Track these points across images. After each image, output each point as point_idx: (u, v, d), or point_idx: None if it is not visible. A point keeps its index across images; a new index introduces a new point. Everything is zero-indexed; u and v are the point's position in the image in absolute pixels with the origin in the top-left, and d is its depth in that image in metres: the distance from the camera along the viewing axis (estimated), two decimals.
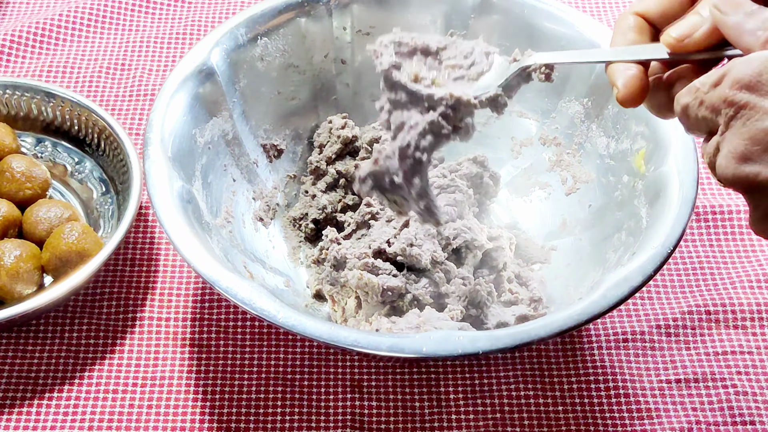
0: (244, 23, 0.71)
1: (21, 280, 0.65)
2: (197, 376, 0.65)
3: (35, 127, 0.76)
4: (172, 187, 0.61)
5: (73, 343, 0.67)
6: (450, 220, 0.64)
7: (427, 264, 0.62)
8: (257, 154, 0.73)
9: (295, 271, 0.70)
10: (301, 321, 0.55)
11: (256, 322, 0.68)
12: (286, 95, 0.74)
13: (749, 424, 0.64)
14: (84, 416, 0.63)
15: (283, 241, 0.72)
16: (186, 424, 0.63)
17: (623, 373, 0.66)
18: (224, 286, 0.56)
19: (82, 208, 0.74)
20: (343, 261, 0.64)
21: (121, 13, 0.89)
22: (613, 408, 0.65)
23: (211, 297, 0.69)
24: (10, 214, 0.68)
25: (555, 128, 0.74)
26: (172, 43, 0.87)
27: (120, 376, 0.65)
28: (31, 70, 0.84)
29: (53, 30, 0.87)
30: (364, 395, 0.65)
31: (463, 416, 0.64)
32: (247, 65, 0.71)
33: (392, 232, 0.65)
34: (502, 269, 0.65)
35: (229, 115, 0.70)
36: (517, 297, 0.65)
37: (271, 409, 0.64)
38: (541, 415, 0.64)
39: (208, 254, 0.58)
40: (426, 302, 0.62)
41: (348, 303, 0.65)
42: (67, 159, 0.76)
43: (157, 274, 0.71)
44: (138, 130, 0.80)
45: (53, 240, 0.66)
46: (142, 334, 0.68)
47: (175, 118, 0.65)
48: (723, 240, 0.74)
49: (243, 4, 0.91)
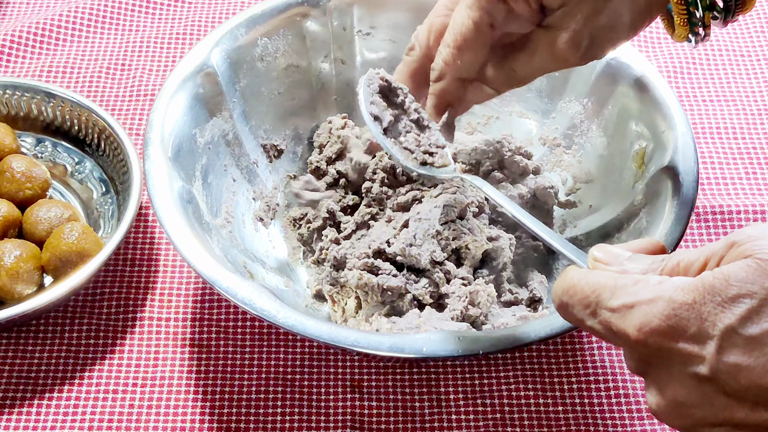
0: (244, 23, 0.71)
1: (21, 280, 0.65)
2: (197, 376, 0.65)
3: (35, 127, 0.76)
4: (172, 187, 0.61)
5: (73, 343, 0.67)
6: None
7: (426, 264, 0.62)
8: (257, 154, 0.73)
9: (295, 271, 0.70)
10: (301, 321, 0.55)
11: (256, 322, 0.68)
12: (286, 95, 0.74)
13: None
14: (84, 416, 0.63)
15: (283, 241, 0.72)
16: (186, 424, 0.63)
17: (623, 373, 0.66)
18: (224, 286, 0.56)
19: (82, 208, 0.74)
20: (343, 261, 0.64)
21: (121, 13, 0.89)
22: (613, 408, 0.65)
23: (211, 297, 0.69)
24: (10, 214, 0.68)
25: (555, 128, 0.74)
26: (172, 43, 0.87)
27: (120, 376, 0.65)
28: (31, 70, 0.84)
29: (53, 30, 0.86)
30: (364, 395, 0.65)
31: (463, 416, 0.64)
32: (247, 65, 0.71)
33: (392, 232, 0.65)
34: (502, 269, 0.65)
35: (229, 115, 0.70)
36: (517, 297, 0.65)
37: (271, 409, 0.64)
38: (541, 415, 0.64)
39: (208, 254, 0.58)
40: (426, 302, 0.62)
41: (348, 303, 0.65)
42: (67, 159, 0.76)
43: (157, 274, 0.71)
44: (138, 130, 0.80)
45: (53, 240, 0.66)
46: (142, 334, 0.68)
47: (175, 118, 0.65)
48: None
49: (243, 4, 0.91)
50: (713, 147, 0.81)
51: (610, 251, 0.47)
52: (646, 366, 0.44)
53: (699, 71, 0.86)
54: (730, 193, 0.77)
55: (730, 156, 0.80)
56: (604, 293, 0.44)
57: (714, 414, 0.41)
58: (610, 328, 0.44)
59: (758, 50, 0.88)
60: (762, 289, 0.40)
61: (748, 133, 0.81)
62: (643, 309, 0.42)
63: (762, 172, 0.79)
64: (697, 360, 0.41)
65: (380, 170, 0.69)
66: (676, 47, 0.88)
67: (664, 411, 0.43)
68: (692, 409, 0.42)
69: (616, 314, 0.43)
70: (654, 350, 0.42)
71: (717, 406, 0.41)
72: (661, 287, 0.42)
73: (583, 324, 0.46)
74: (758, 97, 0.84)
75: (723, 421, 0.41)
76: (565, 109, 0.73)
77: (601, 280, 0.45)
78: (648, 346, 0.42)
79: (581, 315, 0.45)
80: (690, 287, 0.41)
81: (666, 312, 0.41)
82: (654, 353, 0.42)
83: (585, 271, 0.46)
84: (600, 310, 0.44)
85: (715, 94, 0.84)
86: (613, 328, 0.44)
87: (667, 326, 0.41)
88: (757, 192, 0.77)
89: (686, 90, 0.85)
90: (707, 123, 0.82)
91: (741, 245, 0.42)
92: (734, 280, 0.40)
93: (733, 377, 0.40)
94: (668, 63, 0.86)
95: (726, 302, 0.40)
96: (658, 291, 0.42)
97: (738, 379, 0.40)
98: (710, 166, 0.79)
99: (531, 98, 0.75)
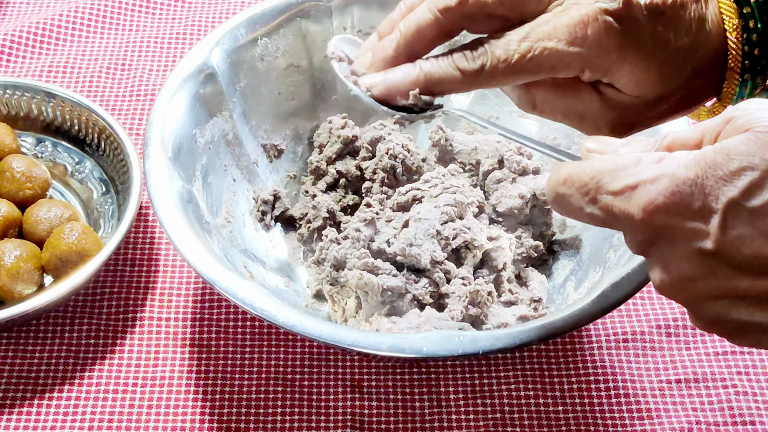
0: (244, 23, 0.71)
1: (21, 280, 0.65)
2: (197, 376, 0.65)
3: (35, 127, 0.76)
4: (173, 187, 0.61)
5: (73, 343, 0.67)
6: None
7: (426, 264, 0.62)
8: (257, 154, 0.73)
9: (295, 271, 0.70)
10: (301, 321, 0.55)
11: (256, 322, 0.68)
12: (286, 95, 0.74)
13: (749, 424, 0.64)
14: (84, 416, 0.63)
15: (283, 241, 0.72)
16: (186, 424, 0.63)
17: (623, 373, 0.66)
18: (224, 286, 0.56)
19: (82, 208, 0.74)
20: (343, 261, 0.64)
21: (121, 13, 0.89)
22: (613, 408, 0.65)
23: (211, 297, 0.69)
24: (10, 214, 0.68)
25: (555, 128, 0.74)
26: (172, 43, 0.87)
27: (120, 376, 0.65)
28: (31, 70, 0.84)
29: (53, 30, 0.86)
30: (364, 395, 0.65)
31: (463, 416, 0.64)
32: (247, 65, 0.71)
33: (392, 232, 0.65)
34: (502, 269, 0.65)
35: (230, 115, 0.70)
36: (517, 297, 0.65)
37: (271, 409, 0.64)
38: (541, 415, 0.64)
39: (208, 254, 0.58)
40: (426, 302, 0.62)
41: (348, 303, 0.65)
42: (67, 159, 0.76)
43: (157, 274, 0.71)
44: (138, 130, 0.80)
45: (53, 240, 0.66)
46: (142, 334, 0.68)
47: (176, 118, 0.65)
48: None
49: (243, 4, 0.91)
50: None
51: (602, 140, 0.47)
52: (650, 245, 0.43)
53: None
54: None
55: None
56: (605, 178, 0.44)
57: (718, 286, 0.41)
58: (612, 212, 0.43)
59: None
60: (763, 161, 0.40)
61: None
62: (647, 188, 0.42)
63: None
64: (702, 235, 0.41)
65: (380, 170, 0.69)
66: None
67: (669, 287, 0.43)
68: (697, 282, 0.42)
69: (619, 197, 0.43)
70: (658, 228, 0.42)
71: (721, 278, 0.41)
72: (664, 165, 0.42)
73: (582, 213, 0.45)
74: None
75: (728, 292, 0.41)
76: None
77: (599, 166, 0.44)
78: (653, 225, 0.42)
79: (580, 203, 0.45)
80: (692, 163, 0.41)
81: (670, 189, 0.41)
82: (658, 231, 0.42)
83: (581, 162, 0.46)
84: (600, 195, 0.44)
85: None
86: (615, 211, 0.43)
87: (671, 203, 0.41)
88: None
89: None
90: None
91: (738, 119, 0.42)
92: (735, 154, 0.40)
93: (737, 249, 0.40)
94: None
95: (728, 176, 0.40)
96: (660, 168, 0.42)
97: (742, 250, 0.40)
98: None
99: None
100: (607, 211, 0.44)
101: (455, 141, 0.72)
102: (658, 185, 0.42)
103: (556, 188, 0.46)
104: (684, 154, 0.42)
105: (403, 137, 0.71)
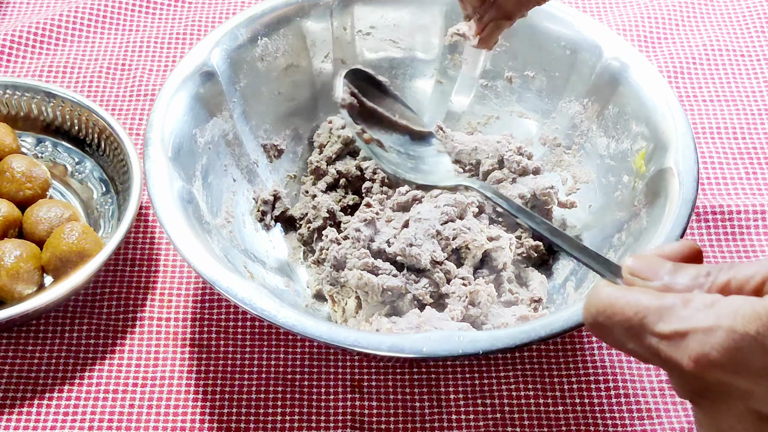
0: (244, 23, 0.71)
1: (21, 280, 0.65)
2: (197, 376, 0.65)
3: (35, 127, 0.76)
4: (173, 187, 0.61)
5: (73, 343, 0.67)
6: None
7: (426, 264, 0.62)
8: (257, 154, 0.73)
9: (295, 271, 0.70)
10: (301, 321, 0.55)
11: (256, 322, 0.68)
12: (286, 95, 0.74)
13: None
14: (84, 416, 0.63)
15: (284, 241, 0.72)
16: (186, 424, 0.63)
17: (623, 373, 0.66)
18: (224, 286, 0.56)
19: (82, 208, 0.74)
20: (343, 261, 0.64)
21: (121, 13, 0.89)
22: (613, 408, 0.65)
23: (211, 297, 0.69)
24: (10, 214, 0.68)
25: (555, 128, 0.74)
26: (172, 43, 0.87)
27: (120, 376, 0.65)
28: (31, 70, 0.84)
29: (53, 30, 0.87)
30: (364, 395, 0.65)
31: (463, 416, 0.64)
32: (247, 65, 0.71)
33: (392, 232, 0.65)
34: (502, 269, 0.65)
35: (230, 115, 0.70)
36: (517, 297, 0.65)
37: (271, 409, 0.64)
38: (541, 415, 0.64)
39: (208, 254, 0.58)
40: (426, 302, 0.62)
41: (348, 303, 0.65)
42: (67, 159, 0.76)
43: (157, 274, 0.71)
44: (138, 130, 0.80)
45: (53, 240, 0.66)
46: (142, 334, 0.68)
47: (176, 118, 0.65)
48: (723, 240, 0.74)
49: (243, 4, 0.91)
50: (713, 147, 0.81)
51: (647, 262, 0.42)
52: (700, 397, 0.40)
53: (699, 71, 0.86)
54: (730, 193, 0.77)
55: (730, 156, 0.80)
56: (651, 316, 0.40)
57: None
58: (657, 355, 0.40)
59: (758, 50, 0.88)
60: None
61: (748, 133, 0.82)
62: (700, 338, 0.38)
63: (762, 172, 0.79)
64: (761, 397, 0.38)
65: (380, 170, 0.69)
66: (677, 47, 0.88)
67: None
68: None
69: (666, 341, 0.39)
70: (710, 383, 0.39)
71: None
72: (717, 313, 0.38)
73: (623, 347, 0.41)
74: (758, 97, 0.84)
75: None
76: (566, 109, 0.73)
77: (644, 301, 0.40)
78: (704, 379, 0.38)
79: (622, 338, 0.41)
80: (752, 315, 0.37)
81: (726, 344, 0.37)
82: (710, 386, 0.39)
83: (622, 289, 0.41)
84: (646, 335, 0.40)
85: (715, 94, 0.84)
86: (662, 355, 0.39)
87: (727, 360, 0.37)
88: (757, 192, 0.77)
89: (686, 90, 0.85)
90: (707, 123, 0.82)
91: None
92: None
93: None
94: (668, 63, 0.86)
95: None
96: (714, 318, 0.38)
97: None
98: (710, 166, 0.79)
99: (531, 98, 0.75)
100: (652, 353, 0.40)
101: (455, 141, 0.72)
102: (711, 338, 0.38)
103: (595, 316, 0.42)
104: (740, 302, 0.38)
105: None
